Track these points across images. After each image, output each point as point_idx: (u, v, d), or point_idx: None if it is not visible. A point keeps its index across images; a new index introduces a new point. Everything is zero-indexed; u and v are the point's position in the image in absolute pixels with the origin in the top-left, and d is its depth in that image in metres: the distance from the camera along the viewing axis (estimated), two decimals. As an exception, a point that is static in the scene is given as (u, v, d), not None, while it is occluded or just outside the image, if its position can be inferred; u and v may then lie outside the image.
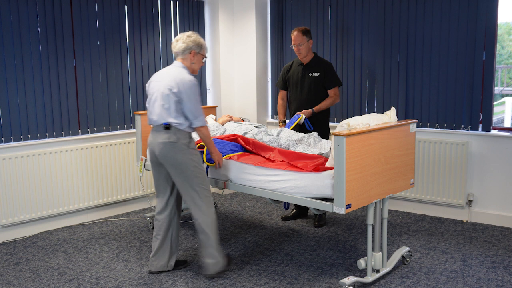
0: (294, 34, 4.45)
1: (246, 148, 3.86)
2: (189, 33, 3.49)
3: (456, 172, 4.61)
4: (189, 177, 3.40)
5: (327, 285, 3.41)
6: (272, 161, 3.55)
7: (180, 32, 5.47)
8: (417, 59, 4.76)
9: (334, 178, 3.05)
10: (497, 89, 8.49)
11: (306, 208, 4.80)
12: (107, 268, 3.76)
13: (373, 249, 3.41)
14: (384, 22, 4.91)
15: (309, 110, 4.43)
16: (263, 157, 3.69)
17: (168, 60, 5.42)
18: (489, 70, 4.41)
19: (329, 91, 4.52)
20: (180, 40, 3.44)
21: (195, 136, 4.37)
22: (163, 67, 5.33)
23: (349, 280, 3.23)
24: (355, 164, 3.05)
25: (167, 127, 3.36)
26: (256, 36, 5.69)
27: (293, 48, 4.49)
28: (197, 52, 3.47)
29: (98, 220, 4.92)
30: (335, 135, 3.02)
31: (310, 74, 4.51)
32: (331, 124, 5.11)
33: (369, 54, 5.05)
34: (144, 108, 5.21)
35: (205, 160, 3.75)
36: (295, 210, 4.82)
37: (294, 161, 3.43)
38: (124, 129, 5.11)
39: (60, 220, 4.70)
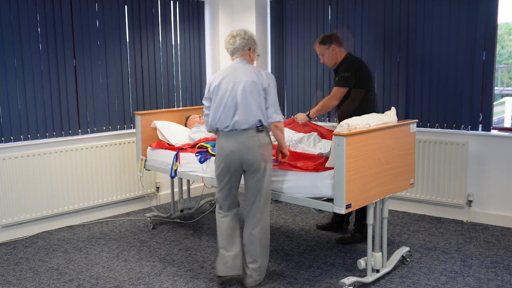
0: (314, 46, 4.12)
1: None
2: (245, 29, 3.36)
3: (456, 172, 4.61)
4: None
5: (327, 285, 3.41)
6: (272, 161, 3.55)
7: (180, 32, 5.49)
8: (417, 59, 4.76)
9: (334, 178, 3.05)
10: (497, 89, 8.50)
11: (342, 221, 4.45)
12: (107, 268, 3.76)
13: (373, 249, 3.40)
14: (384, 22, 4.91)
15: (303, 115, 4.13)
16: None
17: (168, 60, 5.42)
18: (489, 70, 4.41)
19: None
20: (238, 37, 3.28)
21: (194, 136, 4.38)
22: (163, 67, 5.36)
23: (349, 280, 3.23)
24: (355, 164, 3.05)
25: (261, 128, 3.22)
26: (256, 36, 5.67)
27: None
28: (254, 49, 3.35)
29: (98, 220, 4.92)
30: (335, 135, 3.01)
31: (336, 79, 4.06)
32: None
33: (369, 54, 5.05)
34: (144, 108, 5.22)
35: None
36: (331, 221, 4.50)
37: (294, 161, 3.43)
38: (124, 129, 5.11)
39: (60, 220, 4.70)
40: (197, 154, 3.96)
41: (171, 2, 5.40)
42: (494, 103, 4.70)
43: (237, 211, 3.49)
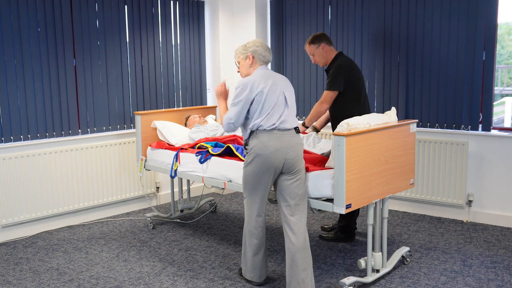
0: (304, 47, 4.11)
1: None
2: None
3: (456, 172, 4.61)
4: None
5: (327, 285, 3.41)
6: (272, 161, 3.54)
7: (180, 32, 5.49)
8: (417, 59, 4.76)
9: (334, 178, 3.05)
10: (497, 89, 8.49)
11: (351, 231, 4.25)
12: (107, 268, 3.76)
13: (373, 249, 3.41)
14: (384, 22, 4.91)
15: (301, 127, 4.03)
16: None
17: (168, 60, 5.42)
18: (489, 70, 4.41)
19: None
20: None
21: (194, 136, 4.38)
22: (163, 67, 5.37)
23: (349, 280, 3.23)
24: (355, 164, 3.05)
25: (298, 129, 3.25)
26: (256, 36, 5.69)
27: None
28: None
29: (98, 220, 4.92)
30: (335, 135, 3.01)
31: (327, 80, 4.01)
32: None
33: (369, 54, 5.05)
34: (144, 108, 5.22)
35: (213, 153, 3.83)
36: (337, 232, 4.28)
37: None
38: (124, 129, 5.11)
39: (60, 220, 4.70)
40: (197, 154, 3.96)
41: (171, 2, 5.40)
42: (494, 103, 4.70)
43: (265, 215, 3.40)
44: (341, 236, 4.19)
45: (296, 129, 3.22)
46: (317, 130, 4.17)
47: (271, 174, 3.16)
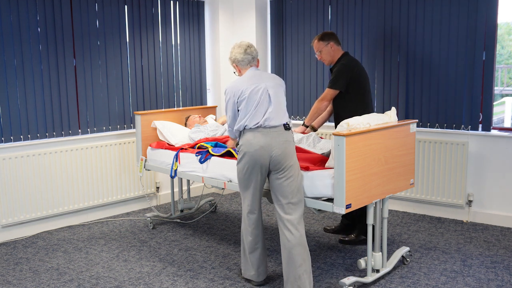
0: (312, 42, 4.09)
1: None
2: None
3: (456, 172, 4.61)
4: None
5: (327, 285, 3.41)
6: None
7: (180, 32, 5.49)
8: (417, 59, 4.76)
9: (334, 178, 3.05)
10: (497, 89, 8.48)
11: (350, 224, 4.28)
12: (107, 268, 3.76)
13: (373, 249, 3.41)
14: (384, 22, 4.91)
15: (301, 127, 4.10)
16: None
17: (168, 60, 5.42)
18: (489, 70, 4.41)
19: None
20: (253, 47, 3.39)
21: (194, 136, 4.38)
22: (163, 67, 5.37)
23: (349, 280, 3.23)
24: (355, 164, 3.05)
25: (287, 126, 3.26)
26: (256, 36, 5.69)
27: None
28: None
29: (98, 220, 4.92)
30: (335, 135, 3.02)
31: (330, 78, 4.01)
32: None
33: (369, 54, 5.05)
34: (144, 108, 5.22)
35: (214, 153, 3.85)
36: (339, 224, 4.39)
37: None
38: (124, 129, 5.11)
39: (60, 220, 4.70)
40: (197, 154, 3.96)
41: (171, 2, 5.40)
42: (494, 103, 4.70)
43: (261, 211, 3.41)
44: (363, 238, 4.10)
45: (285, 126, 3.24)
46: (314, 129, 4.17)
47: (258, 172, 3.20)
